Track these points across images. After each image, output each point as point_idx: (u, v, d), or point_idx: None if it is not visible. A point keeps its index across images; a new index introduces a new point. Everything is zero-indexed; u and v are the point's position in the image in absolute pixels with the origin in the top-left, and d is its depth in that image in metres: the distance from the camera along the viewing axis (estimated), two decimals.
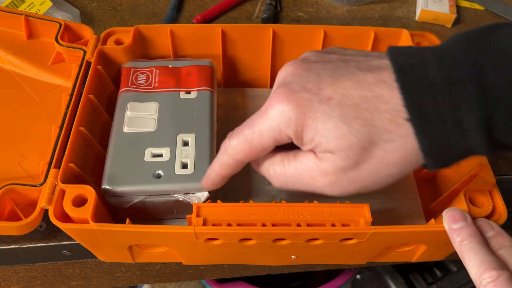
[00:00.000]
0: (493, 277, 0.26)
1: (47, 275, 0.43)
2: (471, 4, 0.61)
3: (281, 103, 0.26)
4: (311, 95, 0.26)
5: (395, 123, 0.24)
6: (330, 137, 0.25)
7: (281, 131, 0.26)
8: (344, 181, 0.26)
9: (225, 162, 0.30)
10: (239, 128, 0.29)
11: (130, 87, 0.40)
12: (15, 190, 0.34)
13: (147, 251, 0.38)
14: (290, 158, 0.28)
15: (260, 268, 0.46)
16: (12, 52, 0.42)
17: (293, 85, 0.26)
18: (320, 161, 0.27)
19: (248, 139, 0.28)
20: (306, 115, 0.25)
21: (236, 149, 0.29)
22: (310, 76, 0.26)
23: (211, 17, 0.57)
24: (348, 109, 0.25)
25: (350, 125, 0.25)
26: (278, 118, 0.26)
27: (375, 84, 0.25)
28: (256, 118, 0.27)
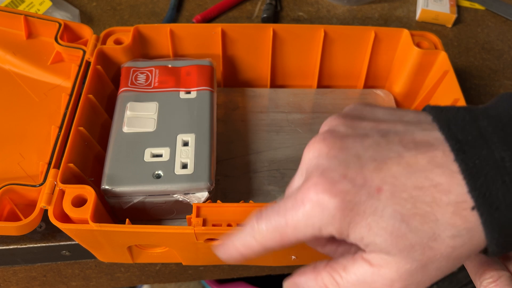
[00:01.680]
0: (493, 277, 0.25)
1: (47, 276, 0.43)
2: (471, 4, 0.61)
3: (322, 196, 0.21)
4: (357, 187, 0.21)
5: (459, 215, 0.21)
6: (386, 238, 0.21)
7: (322, 229, 0.22)
8: (413, 285, 0.22)
9: (251, 246, 0.25)
10: (269, 212, 0.24)
11: (130, 87, 0.39)
12: (14, 190, 0.34)
13: (146, 252, 0.37)
14: (340, 273, 0.23)
15: (260, 268, 0.46)
16: (12, 52, 0.42)
17: (332, 173, 0.22)
18: (379, 269, 0.22)
19: (280, 229, 0.23)
20: (353, 212, 0.21)
21: (265, 237, 0.24)
22: (350, 160, 0.22)
23: (211, 17, 0.57)
24: (403, 203, 0.21)
25: (409, 223, 0.21)
26: (318, 215, 0.22)
27: (429, 169, 0.21)
28: (291, 207, 0.23)
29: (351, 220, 0.21)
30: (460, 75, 0.51)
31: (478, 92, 0.51)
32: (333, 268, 0.24)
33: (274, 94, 0.47)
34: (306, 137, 0.43)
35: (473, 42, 0.56)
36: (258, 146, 0.43)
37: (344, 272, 0.23)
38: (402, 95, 0.47)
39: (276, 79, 0.48)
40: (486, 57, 0.55)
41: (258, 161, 0.41)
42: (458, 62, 0.54)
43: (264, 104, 0.46)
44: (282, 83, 0.48)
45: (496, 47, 0.56)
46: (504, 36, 0.57)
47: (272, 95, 0.47)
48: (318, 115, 0.45)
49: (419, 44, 0.43)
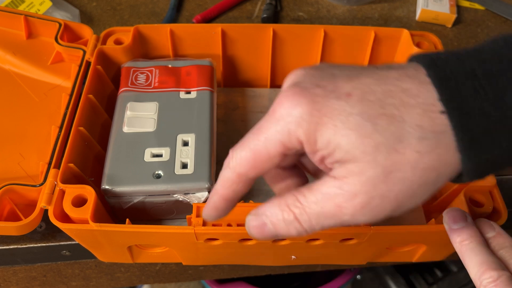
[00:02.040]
0: (493, 277, 0.25)
1: (47, 276, 0.43)
2: (471, 4, 0.61)
3: (291, 100, 0.22)
4: (327, 92, 0.22)
5: (428, 117, 0.21)
6: (352, 138, 0.21)
7: (290, 132, 0.22)
8: (376, 198, 0.21)
9: (227, 178, 0.25)
10: (243, 138, 0.25)
11: (130, 87, 0.39)
12: (14, 190, 0.34)
13: (146, 252, 0.37)
14: (304, 193, 0.23)
15: (260, 268, 0.46)
16: (12, 52, 0.42)
17: (305, 83, 0.23)
18: (342, 181, 0.22)
19: (252, 148, 0.24)
20: (321, 112, 0.21)
21: (238, 160, 0.24)
22: (324, 75, 0.23)
23: (211, 17, 0.57)
24: (370, 105, 0.21)
25: (375, 122, 0.21)
26: (286, 117, 0.22)
27: (399, 79, 0.22)
28: (263, 121, 0.24)
29: (318, 121, 0.21)
30: None
31: None
32: (298, 191, 0.24)
33: (274, 94, 0.47)
34: None
35: (473, 42, 0.56)
36: None
37: (308, 191, 0.23)
38: None
39: (276, 79, 0.48)
40: None
41: None
42: None
43: (264, 104, 0.46)
44: (282, 83, 0.48)
45: None
46: None
47: (272, 95, 0.47)
48: None
49: (419, 44, 0.43)
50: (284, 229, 0.24)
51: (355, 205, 0.22)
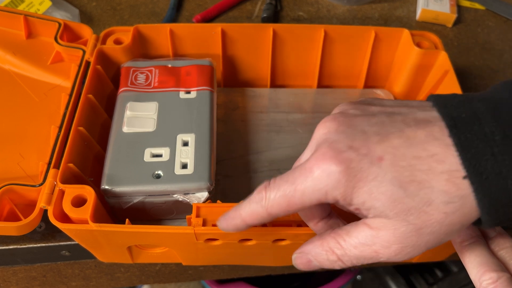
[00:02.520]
0: (493, 278, 0.26)
1: (46, 276, 0.43)
2: (471, 4, 0.61)
3: (328, 164, 0.24)
4: (360, 156, 0.24)
5: (453, 183, 0.23)
6: (385, 201, 0.24)
7: (327, 194, 0.24)
8: (409, 247, 0.25)
9: (257, 213, 0.27)
10: (278, 181, 0.26)
11: (130, 86, 0.39)
12: (14, 190, 0.34)
13: (146, 252, 0.37)
14: (344, 237, 0.26)
15: (260, 268, 0.46)
16: (11, 52, 0.42)
17: (338, 144, 0.24)
18: (378, 232, 0.25)
19: (287, 195, 0.25)
20: (356, 178, 0.24)
21: (272, 203, 0.26)
22: (356, 133, 0.25)
23: (211, 17, 0.57)
24: (402, 171, 0.23)
25: (406, 189, 0.23)
26: (325, 180, 0.24)
27: (427, 141, 0.23)
28: (299, 175, 0.25)
29: (354, 185, 0.24)
30: (461, 75, 0.51)
31: None
32: (337, 234, 0.27)
33: (274, 94, 0.47)
34: (306, 137, 0.43)
35: (473, 42, 0.56)
36: (258, 146, 0.43)
37: (347, 236, 0.26)
38: (402, 95, 0.47)
39: (276, 79, 0.48)
40: (487, 57, 0.54)
41: (258, 161, 0.41)
42: (459, 62, 0.54)
43: (264, 104, 0.46)
44: (282, 83, 0.48)
45: (496, 47, 0.56)
46: (504, 36, 0.57)
47: (272, 95, 0.47)
48: (318, 115, 0.45)
49: (419, 44, 0.43)
50: (329, 266, 0.27)
51: (390, 252, 0.25)
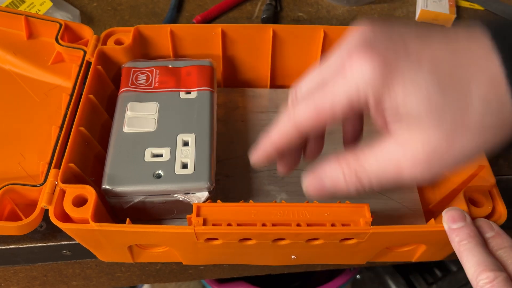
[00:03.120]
0: (489, 278, 0.26)
1: (47, 275, 0.43)
2: (471, 4, 0.61)
3: (363, 58, 0.22)
4: (398, 55, 0.22)
5: (493, 91, 0.21)
6: (421, 102, 0.22)
7: (360, 91, 0.22)
8: (436, 164, 0.23)
9: (284, 129, 0.25)
10: (311, 90, 0.25)
11: (130, 87, 0.40)
12: (15, 190, 0.34)
13: (147, 251, 0.38)
14: (365, 151, 0.24)
15: (260, 268, 0.46)
16: (12, 52, 0.42)
17: (376, 43, 0.23)
18: (404, 143, 0.23)
19: (316, 102, 0.23)
20: (392, 74, 0.22)
21: (300, 112, 0.24)
22: (394, 34, 0.23)
23: (211, 17, 0.57)
24: (441, 74, 0.22)
25: (445, 91, 0.22)
26: (358, 75, 0.22)
27: (469, 48, 0.22)
28: (330, 76, 0.24)
29: (389, 82, 0.22)
30: None
31: None
32: (360, 149, 0.24)
33: (274, 94, 0.47)
34: None
35: None
36: None
37: (368, 150, 0.24)
38: None
39: (276, 79, 0.48)
40: None
41: None
42: None
43: (264, 104, 0.46)
44: (282, 83, 0.48)
45: None
46: None
47: (272, 95, 0.47)
48: None
49: None
50: (344, 188, 0.24)
51: (415, 166, 0.23)
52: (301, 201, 0.33)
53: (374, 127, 0.41)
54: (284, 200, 0.38)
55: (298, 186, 0.40)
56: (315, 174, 0.25)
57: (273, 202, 0.34)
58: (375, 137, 0.24)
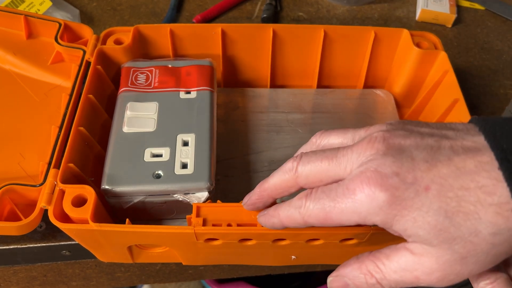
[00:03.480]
0: (490, 279, 0.26)
1: (47, 276, 0.43)
2: (471, 4, 0.61)
3: (373, 189, 0.23)
4: (407, 185, 0.23)
5: (502, 215, 0.22)
6: (429, 230, 0.23)
7: (367, 218, 0.24)
8: (452, 275, 0.24)
9: (294, 218, 0.27)
10: (320, 193, 0.26)
11: (130, 87, 0.40)
12: (14, 190, 0.34)
13: (146, 251, 0.37)
14: (383, 261, 0.26)
15: (260, 268, 0.46)
16: (12, 52, 0.42)
17: (385, 169, 0.24)
18: (420, 258, 0.24)
19: (326, 210, 0.25)
20: (400, 206, 0.23)
21: (310, 213, 0.26)
22: (403, 159, 0.24)
23: (211, 17, 0.57)
24: (448, 201, 0.23)
25: (453, 219, 0.23)
26: (366, 205, 0.24)
27: (476, 172, 0.23)
28: (341, 193, 0.25)
29: (397, 213, 0.23)
30: (460, 75, 0.51)
31: (478, 92, 0.51)
32: (376, 257, 0.26)
33: (274, 94, 0.47)
34: (306, 137, 0.43)
35: (473, 42, 0.56)
36: (258, 146, 0.43)
37: (387, 260, 0.25)
38: (402, 95, 0.47)
39: (276, 79, 0.48)
40: (486, 57, 0.55)
41: (258, 161, 0.42)
42: (458, 62, 0.54)
43: (264, 104, 0.46)
44: (282, 83, 0.48)
45: (495, 47, 0.56)
46: (503, 36, 0.57)
47: (272, 95, 0.47)
48: (318, 115, 0.45)
49: (419, 44, 0.43)
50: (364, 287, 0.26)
51: (431, 279, 0.24)
52: None
53: None
54: (284, 200, 0.38)
55: None
56: (338, 276, 0.28)
57: None
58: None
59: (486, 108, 0.49)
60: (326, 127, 0.44)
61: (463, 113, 0.38)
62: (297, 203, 0.27)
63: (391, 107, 0.46)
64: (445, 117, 0.41)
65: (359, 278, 0.26)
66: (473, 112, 0.43)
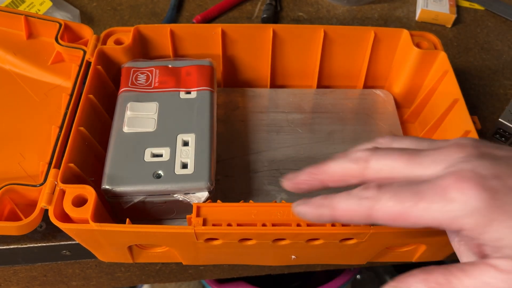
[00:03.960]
0: None
1: (47, 275, 0.43)
2: (471, 4, 0.61)
3: (470, 188, 0.21)
4: (508, 189, 0.21)
5: None
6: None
7: (455, 220, 0.21)
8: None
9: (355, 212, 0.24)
10: (396, 187, 0.23)
11: (130, 87, 0.40)
12: (15, 190, 0.34)
13: (147, 251, 0.38)
14: (458, 275, 0.22)
15: (260, 268, 0.46)
16: (12, 52, 0.42)
17: (483, 170, 0.22)
18: (507, 275, 0.21)
19: (405, 206, 0.22)
20: (501, 210, 0.21)
21: (381, 208, 0.23)
22: (502, 166, 0.22)
23: (211, 17, 0.57)
24: None
25: None
26: (460, 205, 0.21)
27: None
28: (427, 189, 0.22)
29: (495, 217, 0.21)
30: (460, 75, 0.51)
31: (478, 92, 0.51)
32: (448, 270, 0.23)
33: (274, 94, 0.47)
34: (306, 137, 0.43)
35: (473, 42, 0.56)
36: (258, 146, 0.43)
37: (463, 275, 0.22)
38: (401, 95, 0.47)
39: (276, 79, 0.48)
40: (486, 57, 0.55)
41: (258, 161, 0.42)
42: (458, 62, 0.54)
43: (264, 104, 0.46)
44: (282, 83, 0.48)
45: (495, 47, 0.56)
46: (503, 36, 0.57)
47: (272, 95, 0.47)
48: (318, 115, 0.45)
49: (418, 44, 0.43)
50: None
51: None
52: None
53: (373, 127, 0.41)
54: (284, 200, 0.38)
55: None
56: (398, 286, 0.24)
57: (273, 202, 0.34)
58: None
59: (486, 108, 0.49)
60: (326, 127, 0.44)
61: (463, 113, 0.38)
62: (364, 194, 0.23)
63: (391, 107, 0.46)
64: (445, 117, 0.41)
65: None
66: (473, 112, 0.43)
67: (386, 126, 0.44)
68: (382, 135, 0.43)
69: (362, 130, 0.44)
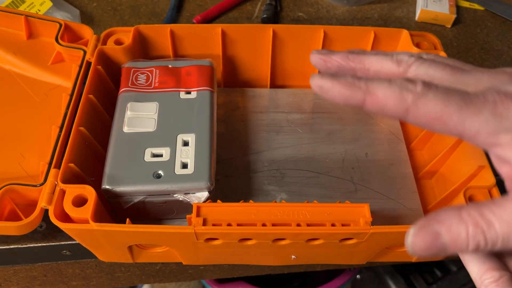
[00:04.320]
0: (494, 277, 0.25)
1: (47, 275, 0.43)
2: (471, 4, 0.61)
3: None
4: None
5: None
6: None
7: (496, 135, 0.21)
8: None
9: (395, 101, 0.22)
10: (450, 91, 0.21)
11: (130, 87, 0.40)
12: (15, 190, 0.34)
13: (147, 251, 0.38)
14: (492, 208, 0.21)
15: (260, 268, 0.46)
16: (12, 52, 0.42)
17: None
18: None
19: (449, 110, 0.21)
20: None
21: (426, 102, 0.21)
22: None
23: (211, 17, 0.57)
24: None
25: None
26: (506, 121, 0.20)
27: None
28: (476, 98, 0.21)
29: None
30: None
31: None
32: (482, 204, 0.22)
33: (274, 94, 0.47)
34: (306, 137, 0.43)
35: (473, 43, 0.56)
36: (258, 146, 0.43)
37: (497, 208, 0.21)
38: None
39: (276, 79, 0.48)
40: (486, 57, 0.55)
41: (258, 161, 0.42)
42: None
43: (264, 104, 0.46)
44: (282, 83, 0.48)
45: (495, 47, 0.56)
46: (503, 37, 0.57)
47: (272, 95, 0.47)
48: (318, 115, 0.45)
49: (418, 45, 0.43)
50: (463, 244, 0.21)
51: None
52: (301, 201, 0.33)
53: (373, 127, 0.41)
54: (284, 200, 0.38)
55: (298, 186, 0.40)
56: (427, 226, 0.22)
57: (273, 202, 0.34)
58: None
59: None
60: (326, 127, 0.44)
61: None
62: (409, 86, 0.21)
63: None
64: None
65: (457, 228, 0.21)
66: None
67: (386, 126, 0.44)
68: (382, 135, 0.43)
69: (362, 130, 0.44)
